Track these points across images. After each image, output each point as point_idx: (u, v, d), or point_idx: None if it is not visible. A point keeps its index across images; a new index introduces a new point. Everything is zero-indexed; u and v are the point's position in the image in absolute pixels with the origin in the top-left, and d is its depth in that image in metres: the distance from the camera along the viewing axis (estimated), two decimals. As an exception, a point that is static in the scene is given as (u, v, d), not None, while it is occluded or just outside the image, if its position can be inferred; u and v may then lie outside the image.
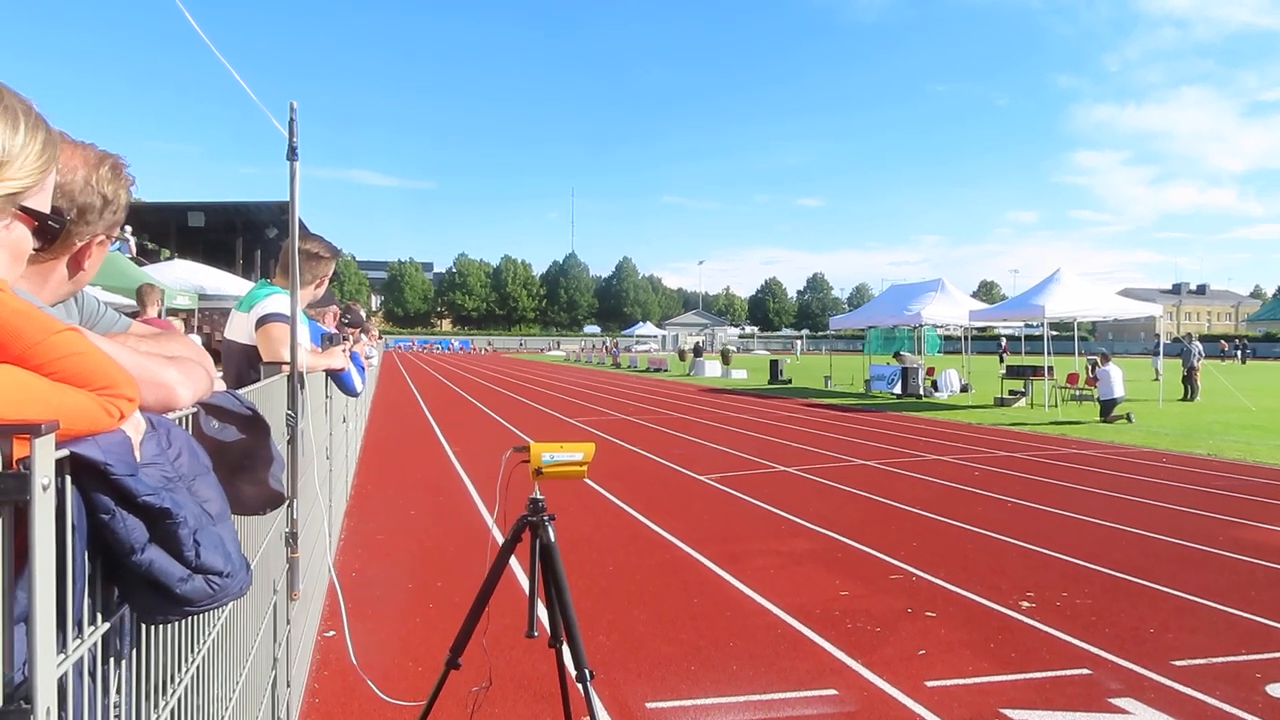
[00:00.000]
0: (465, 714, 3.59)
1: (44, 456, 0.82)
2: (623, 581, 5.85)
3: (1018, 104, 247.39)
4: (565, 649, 3.11)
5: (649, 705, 3.90)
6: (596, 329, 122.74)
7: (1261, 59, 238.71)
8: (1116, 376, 17.31)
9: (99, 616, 1.06)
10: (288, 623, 3.13)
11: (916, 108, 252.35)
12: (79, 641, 0.98)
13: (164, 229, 30.99)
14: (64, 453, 0.91)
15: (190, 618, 1.28)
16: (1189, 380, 23.47)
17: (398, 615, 5.15)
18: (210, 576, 1.10)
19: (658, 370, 44.53)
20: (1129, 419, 16.88)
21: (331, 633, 4.74)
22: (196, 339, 4.26)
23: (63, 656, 0.92)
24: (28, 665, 0.83)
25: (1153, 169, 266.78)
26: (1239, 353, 64.92)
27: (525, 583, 4.96)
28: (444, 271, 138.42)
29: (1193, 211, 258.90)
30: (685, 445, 13.50)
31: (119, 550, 1.00)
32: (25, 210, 1.08)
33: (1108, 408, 17.23)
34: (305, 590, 3.66)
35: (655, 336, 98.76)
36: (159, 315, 9.06)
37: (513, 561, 3.16)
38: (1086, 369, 20.59)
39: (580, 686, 2.97)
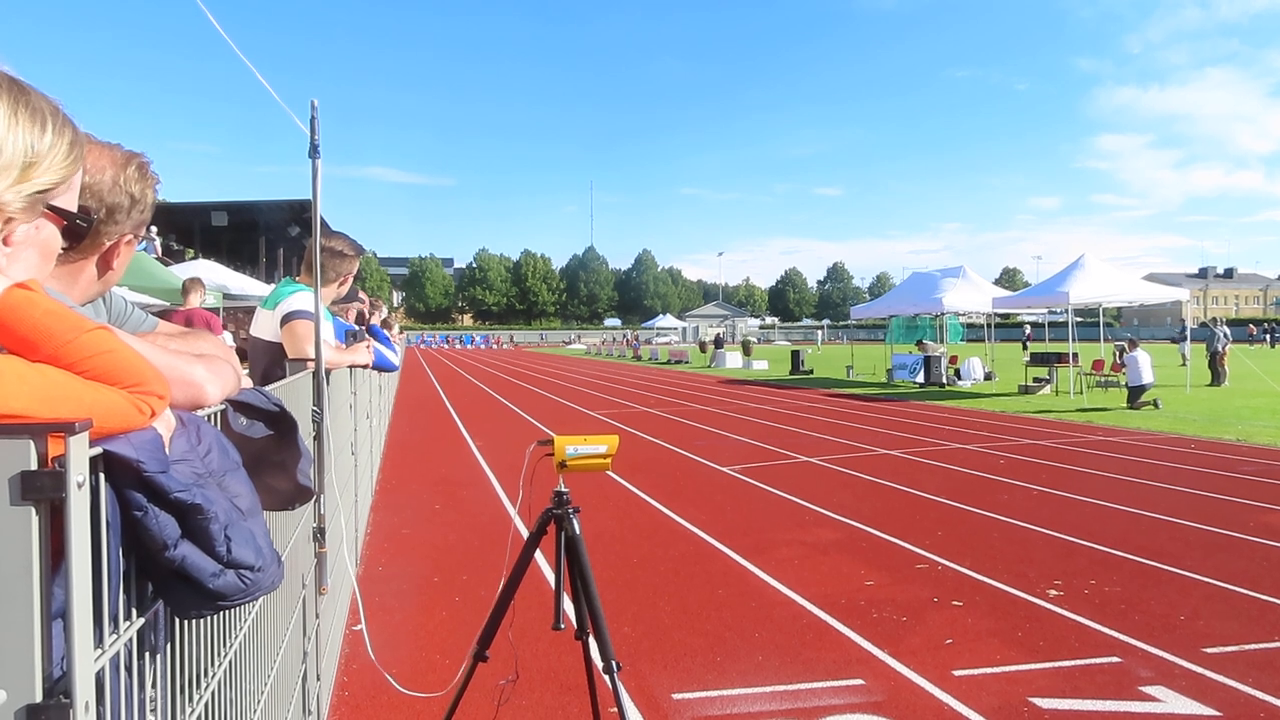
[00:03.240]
0: (493, 706, 3.62)
1: (78, 455, 0.83)
2: (647, 573, 5.86)
3: (1038, 88, 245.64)
4: (591, 641, 3.12)
5: (675, 696, 3.91)
6: (617, 322, 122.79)
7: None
8: (1144, 362, 17.09)
9: (134, 612, 1.08)
10: (316, 616, 3.16)
11: (935, 94, 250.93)
12: (115, 636, 0.99)
13: (188, 229, 31.24)
14: (97, 450, 0.92)
15: (223, 612, 1.29)
16: (1213, 364, 23.15)
17: (424, 608, 5.18)
18: (242, 571, 1.11)
19: (678, 362, 44.50)
20: (1156, 405, 16.69)
21: (359, 626, 4.78)
22: (228, 336, 4.31)
23: (100, 651, 0.93)
24: (66, 660, 0.84)
25: (1177, 152, 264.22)
26: (1267, 336, 64.00)
27: (550, 575, 4.98)
28: (464, 267, 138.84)
29: (1219, 194, 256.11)
30: (707, 437, 13.49)
31: (152, 546, 1.01)
32: (54, 209, 1.10)
33: (1135, 394, 17.01)
34: (333, 584, 3.69)
35: (675, 329, 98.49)
36: (200, 306, 9.22)
37: (537, 555, 3.17)
38: (1114, 354, 20.35)
39: (607, 678, 2.97)
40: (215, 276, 15.78)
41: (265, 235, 31.98)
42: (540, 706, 3.79)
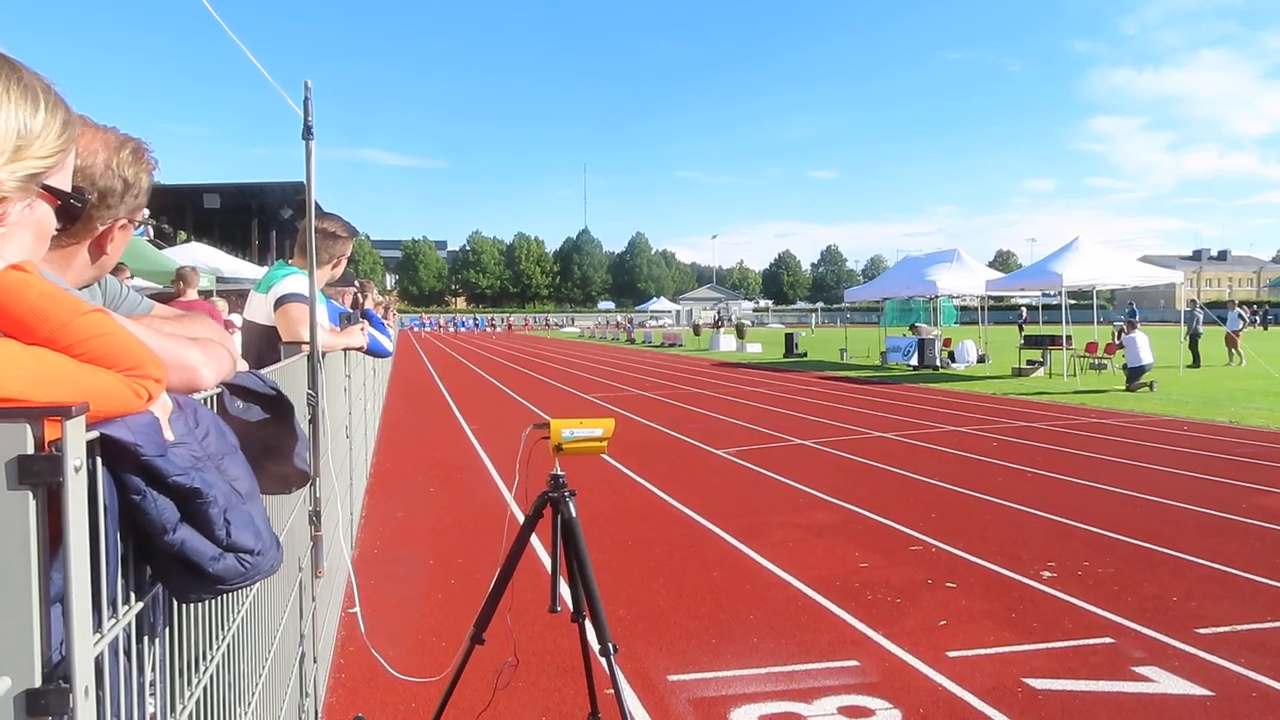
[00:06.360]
0: (490, 688, 3.63)
1: (75, 438, 0.82)
2: (642, 556, 5.87)
3: (1033, 70, 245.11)
4: (588, 623, 3.12)
5: (671, 678, 3.93)
6: (611, 305, 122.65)
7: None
8: (1143, 343, 17.03)
9: (132, 596, 1.07)
10: (313, 600, 3.16)
11: (929, 76, 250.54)
12: (114, 621, 0.99)
13: (180, 212, 31.07)
14: (94, 434, 0.91)
15: (221, 596, 1.28)
16: (1194, 347, 23.16)
17: (421, 591, 5.19)
18: (241, 555, 1.10)
19: (672, 345, 44.49)
20: (1151, 387, 16.73)
21: (355, 609, 4.79)
22: (238, 319, 4.29)
23: (98, 636, 0.92)
24: (64, 645, 0.84)
25: (1172, 134, 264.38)
26: (1259, 319, 64.17)
27: (545, 559, 4.98)
28: (458, 249, 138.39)
29: (1213, 177, 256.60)
30: (702, 420, 13.51)
31: (151, 530, 1.00)
32: (48, 189, 1.08)
33: (1134, 375, 16.96)
34: (329, 567, 3.69)
35: (669, 311, 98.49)
36: (197, 296, 9.16)
37: (532, 538, 3.16)
38: (1113, 335, 20.37)
39: (604, 660, 2.98)
40: (208, 260, 15.72)
41: (257, 218, 31.84)
42: (536, 689, 3.81)
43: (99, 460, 0.93)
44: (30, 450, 0.79)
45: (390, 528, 6.72)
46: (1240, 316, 24.06)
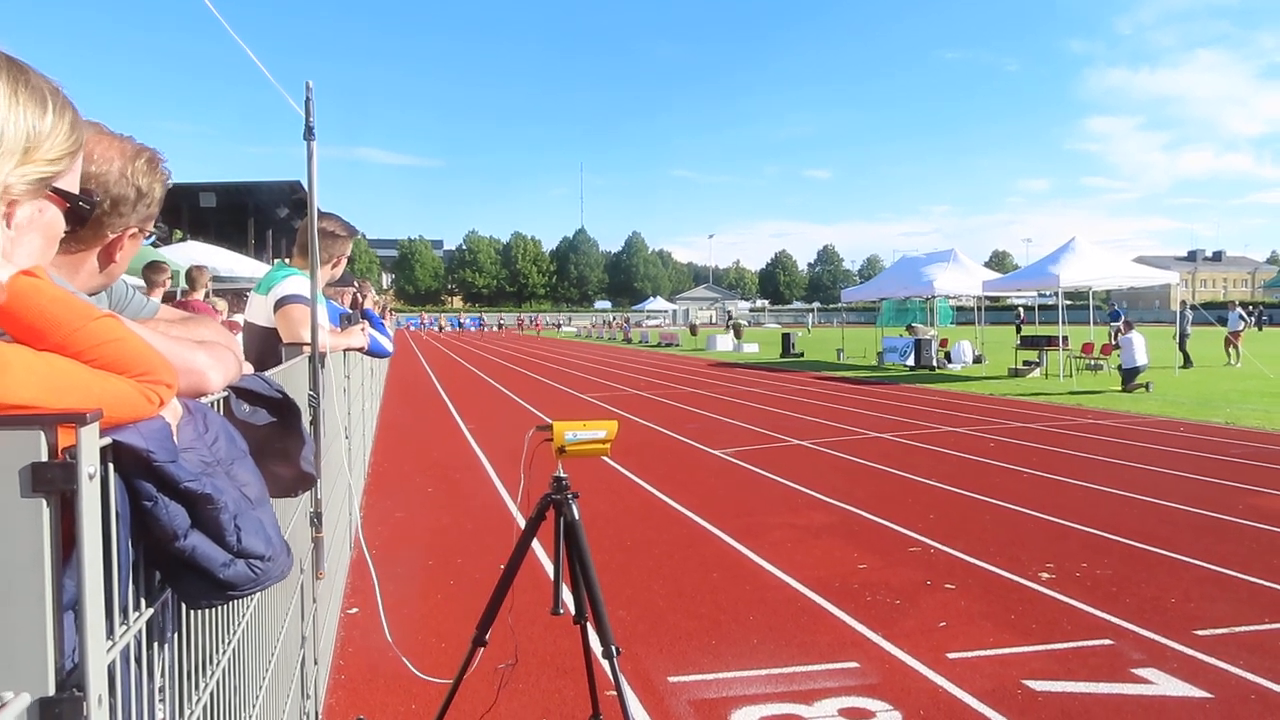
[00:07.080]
0: (492, 690, 3.62)
1: (89, 445, 0.82)
2: (641, 557, 5.87)
3: (1029, 70, 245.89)
4: (590, 625, 3.12)
5: (671, 679, 3.92)
6: (607, 304, 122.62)
7: (1279, 19, 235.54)
8: (1139, 344, 17.00)
9: (143, 603, 1.06)
10: (314, 602, 3.15)
11: (926, 76, 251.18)
12: (125, 628, 0.98)
13: (175, 211, 30.91)
14: (107, 441, 0.90)
15: (230, 602, 1.28)
16: (1183, 347, 23.08)
17: (420, 592, 5.18)
18: (252, 560, 1.10)
19: (669, 345, 44.47)
20: (1147, 388, 16.73)
21: (355, 610, 4.78)
22: (241, 318, 4.27)
23: (111, 643, 0.92)
24: (78, 652, 0.83)
25: (1167, 134, 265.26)
26: (1253, 319, 64.26)
27: (546, 561, 4.97)
28: (454, 249, 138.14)
29: (1208, 177, 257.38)
30: (699, 420, 13.50)
31: (162, 537, 1.00)
32: (57, 191, 1.08)
33: (1129, 375, 16.97)
34: (329, 569, 3.69)
35: (666, 311, 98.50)
36: (205, 297, 9.12)
37: (535, 540, 3.16)
38: (1110, 335, 20.33)
39: (606, 663, 2.98)
40: (204, 258, 15.69)
41: (254, 217, 31.73)
42: (537, 690, 3.80)
43: (110, 467, 0.92)
44: (44, 458, 0.78)
45: (389, 528, 6.71)
46: (1241, 317, 24.02)
